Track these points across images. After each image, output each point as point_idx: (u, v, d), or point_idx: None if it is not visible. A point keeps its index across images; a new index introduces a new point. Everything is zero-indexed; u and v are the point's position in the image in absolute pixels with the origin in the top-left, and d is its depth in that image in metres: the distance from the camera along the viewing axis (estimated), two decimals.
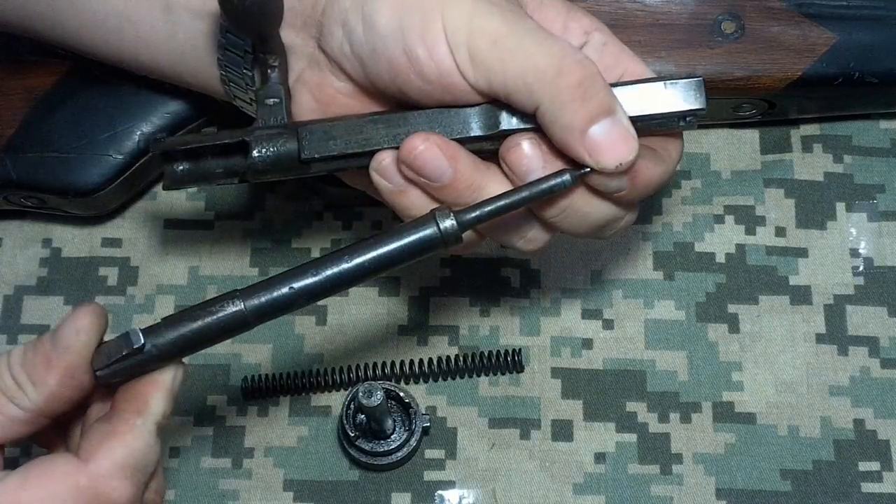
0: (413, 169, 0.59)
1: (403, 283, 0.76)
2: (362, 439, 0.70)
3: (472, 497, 0.71)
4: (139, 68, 0.68)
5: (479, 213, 0.57)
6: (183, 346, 0.55)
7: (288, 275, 0.56)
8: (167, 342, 0.54)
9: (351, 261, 0.56)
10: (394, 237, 0.56)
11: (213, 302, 0.55)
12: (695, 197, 0.78)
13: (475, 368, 0.73)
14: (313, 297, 0.56)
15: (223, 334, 0.55)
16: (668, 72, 0.72)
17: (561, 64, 0.57)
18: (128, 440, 0.53)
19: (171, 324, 0.55)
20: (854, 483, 0.71)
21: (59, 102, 0.72)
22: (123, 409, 0.54)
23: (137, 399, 0.54)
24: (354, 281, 0.56)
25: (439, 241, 0.56)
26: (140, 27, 0.65)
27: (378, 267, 0.56)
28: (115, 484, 0.52)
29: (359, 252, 0.56)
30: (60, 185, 0.72)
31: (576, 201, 0.60)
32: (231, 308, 0.55)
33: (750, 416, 0.73)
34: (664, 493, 0.71)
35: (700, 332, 0.75)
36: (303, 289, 0.55)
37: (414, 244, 0.56)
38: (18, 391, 0.54)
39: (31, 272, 0.76)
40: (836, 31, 0.73)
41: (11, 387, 0.54)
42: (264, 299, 0.55)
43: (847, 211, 0.77)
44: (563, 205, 0.60)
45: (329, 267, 0.55)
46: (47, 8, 0.66)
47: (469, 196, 0.59)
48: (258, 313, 0.55)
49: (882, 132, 0.79)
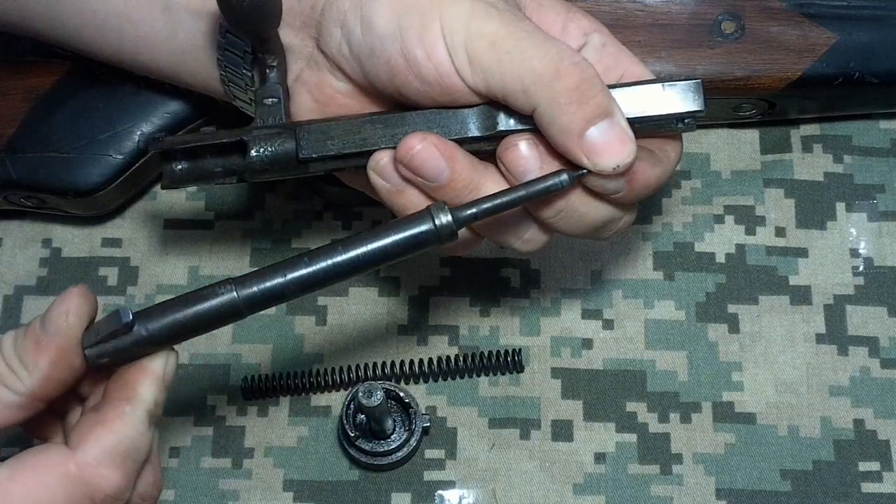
0: (410, 168, 0.59)
1: (403, 283, 0.76)
2: (362, 439, 0.70)
3: (472, 497, 0.71)
4: (139, 68, 0.68)
5: (475, 210, 0.56)
6: (174, 331, 0.54)
7: (282, 265, 0.55)
8: (158, 326, 0.54)
9: (345, 252, 0.55)
10: (389, 231, 0.56)
11: (206, 289, 0.55)
12: (695, 197, 0.78)
13: (475, 368, 0.73)
14: (306, 288, 0.56)
15: (215, 322, 0.55)
16: (669, 72, 0.72)
17: (558, 66, 0.57)
18: (116, 427, 0.53)
19: (164, 309, 0.55)
20: (854, 483, 0.71)
21: (59, 102, 0.72)
22: (113, 396, 0.54)
23: (127, 387, 0.54)
24: (348, 273, 0.56)
25: (434, 236, 0.56)
26: (140, 27, 0.65)
27: (372, 260, 0.56)
28: (103, 472, 0.52)
29: (353, 244, 0.56)
30: (60, 186, 0.72)
31: (573, 202, 0.60)
32: (224, 295, 0.55)
33: (750, 416, 0.73)
34: (664, 494, 0.71)
35: (700, 332, 0.75)
36: (296, 279, 0.55)
37: (409, 238, 0.56)
38: (11, 375, 0.54)
39: (31, 272, 0.76)
40: (836, 31, 0.73)
41: (5, 372, 0.54)
42: (257, 288, 0.55)
43: (847, 211, 0.77)
44: (560, 206, 0.60)
45: (323, 258, 0.55)
46: (47, 8, 0.66)
47: (466, 196, 0.59)
48: (250, 302, 0.55)
49: (882, 132, 0.79)
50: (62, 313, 0.54)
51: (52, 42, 0.68)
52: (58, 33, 0.67)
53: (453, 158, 0.59)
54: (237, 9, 0.56)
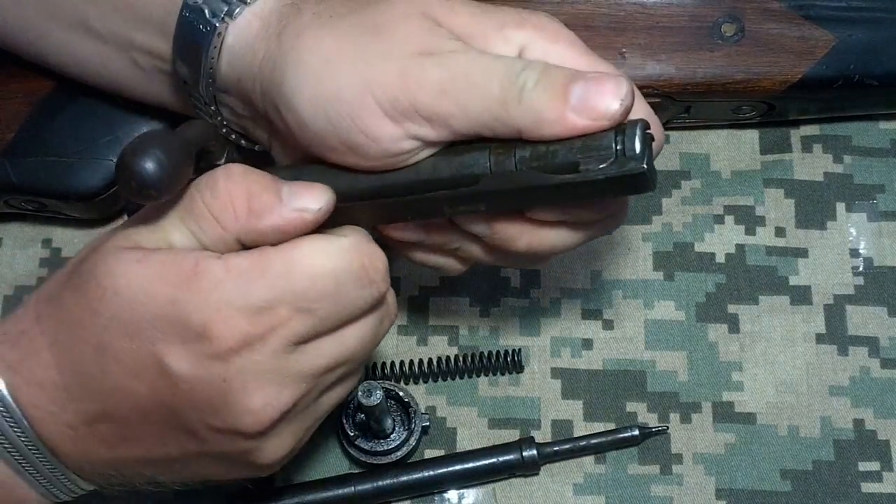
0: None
1: (403, 283, 0.76)
2: (362, 439, 0.70)
3: (472, 497, 0.71)
4: (129, 98, 0.70)
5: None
6: None
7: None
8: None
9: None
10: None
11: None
12: (695, 197, 0.78)
13: (475, 368, 0.73)
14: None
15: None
16: (669, 75, 0.72)
17: (515, 80, 0.55)
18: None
19: None
20: (854, 483, 0.71)
21: (59, 106, 0.72)
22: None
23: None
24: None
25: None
26: (120, 74, 0.67)
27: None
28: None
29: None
30: (61, 190, 0.72)
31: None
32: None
33: (750, 416, 0.73)
34: (664, 493, 0.71)
35: (700, 333, 0.75)
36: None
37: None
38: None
39: (31, 272, 0.76)
40: (835, 32, 0.73)
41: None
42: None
43: (847, 211, 0.77)
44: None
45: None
46: (33, 43, 0.68)
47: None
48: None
49: (882, 132, 0.79)
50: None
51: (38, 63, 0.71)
52: (42, 62, 0.70)
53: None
54: (129, 188, 0.52)
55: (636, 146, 0.53)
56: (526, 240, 0.60)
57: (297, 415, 0.56)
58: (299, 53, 0.57)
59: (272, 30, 0.59)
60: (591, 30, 0.72)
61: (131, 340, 0.53)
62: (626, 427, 0.71)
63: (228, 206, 0.54)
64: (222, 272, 0.53)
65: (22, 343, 0.55)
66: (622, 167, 0.54)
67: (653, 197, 0.77)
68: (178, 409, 0.54)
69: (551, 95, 0.54)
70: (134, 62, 0.65)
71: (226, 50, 0.60)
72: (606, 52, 0.72)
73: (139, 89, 0.68)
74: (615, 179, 0.54)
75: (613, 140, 0.54)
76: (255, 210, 0.54)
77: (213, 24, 0.60)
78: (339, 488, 0.70)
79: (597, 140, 0.54)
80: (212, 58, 0.60)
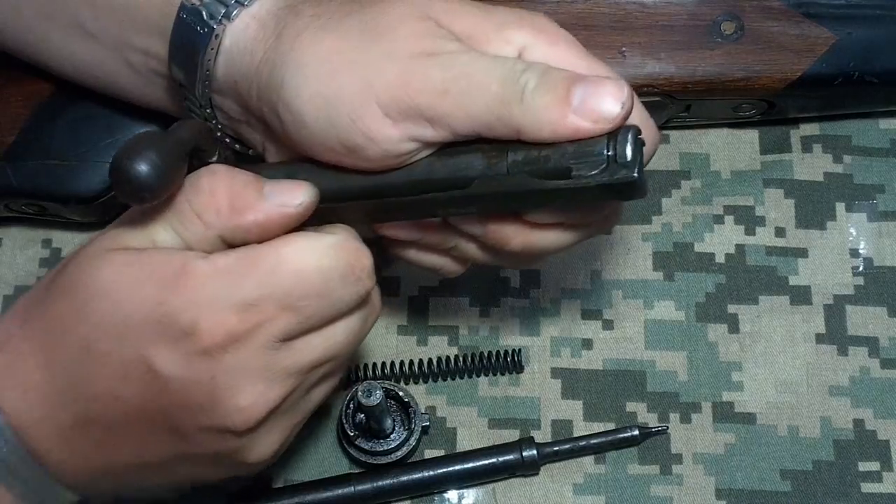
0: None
1: (403, 283, 0.76)
2: (362, 439, 0.70)
3: (472, 497, 0.71)
4: (125, 100, 0.70)
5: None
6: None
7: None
8: None
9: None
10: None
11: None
12: (694, 197, 0.78)
13: (475, 369, 0.73)
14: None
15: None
16: (669, 74, 0.72)
17: (517, 80, 0.55)
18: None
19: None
20: (854, 483, 0.71)
21: (59, 110, 0.72)
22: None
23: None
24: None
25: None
26: (116, 76, 0.67)
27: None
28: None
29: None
30: (61, 193, 0.72)
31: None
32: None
33: (750, 416, 0.73)
34: (664, 494, 0.71)
35: (700, 333, 0.75)
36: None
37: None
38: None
39: (31, 272, 0.76)
40: (835, 30, 0.73)
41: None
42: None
43: (847, 211, 0.77)
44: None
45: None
46: (31, 45, 0.68)
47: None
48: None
49: (882, 132, 0.79)
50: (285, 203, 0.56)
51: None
52: (43, 67, 0.70)
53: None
54: (124, 191, 0.52)
55: (627, 153, 0.53)
56: (520, 240, 0.60)
57: (285, 411, 0.56)
58: (299, 54, 0.57)
59: (270, 32, 0.59)
60: (590, 29, 0.72)
61: (119, 343, 0.53)
62: (626, 427, 0.71)
63: (211, 203, 0.55)
64: (209, 271, 0.53)
65: (8, 348, 0.55)
66: (613, 175, 0.54)
67: (652, 197, 0.77)
68: (166, 410, 0.54)
69: (553, 97, 0.54)
70: (130, 64, 0.65)
71: (223, 52, 0.60)
72: (606, 51, 0.72)
73: (135, 92, 0.68)
74: (606, 186, 0.54)
75: (605, 146, 0.54)
76: (236, 207, 0.55)
77: (211, 26, 0.60)
78: (338, 488, 0.70)
79: (589, 146, 0.54)
80: (208, 60, 0.60)
